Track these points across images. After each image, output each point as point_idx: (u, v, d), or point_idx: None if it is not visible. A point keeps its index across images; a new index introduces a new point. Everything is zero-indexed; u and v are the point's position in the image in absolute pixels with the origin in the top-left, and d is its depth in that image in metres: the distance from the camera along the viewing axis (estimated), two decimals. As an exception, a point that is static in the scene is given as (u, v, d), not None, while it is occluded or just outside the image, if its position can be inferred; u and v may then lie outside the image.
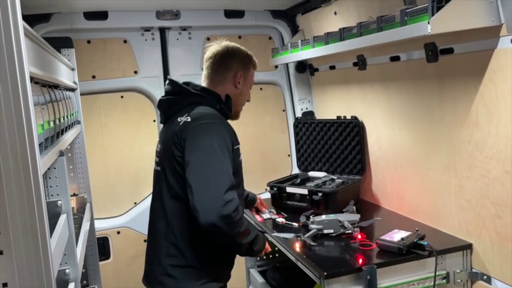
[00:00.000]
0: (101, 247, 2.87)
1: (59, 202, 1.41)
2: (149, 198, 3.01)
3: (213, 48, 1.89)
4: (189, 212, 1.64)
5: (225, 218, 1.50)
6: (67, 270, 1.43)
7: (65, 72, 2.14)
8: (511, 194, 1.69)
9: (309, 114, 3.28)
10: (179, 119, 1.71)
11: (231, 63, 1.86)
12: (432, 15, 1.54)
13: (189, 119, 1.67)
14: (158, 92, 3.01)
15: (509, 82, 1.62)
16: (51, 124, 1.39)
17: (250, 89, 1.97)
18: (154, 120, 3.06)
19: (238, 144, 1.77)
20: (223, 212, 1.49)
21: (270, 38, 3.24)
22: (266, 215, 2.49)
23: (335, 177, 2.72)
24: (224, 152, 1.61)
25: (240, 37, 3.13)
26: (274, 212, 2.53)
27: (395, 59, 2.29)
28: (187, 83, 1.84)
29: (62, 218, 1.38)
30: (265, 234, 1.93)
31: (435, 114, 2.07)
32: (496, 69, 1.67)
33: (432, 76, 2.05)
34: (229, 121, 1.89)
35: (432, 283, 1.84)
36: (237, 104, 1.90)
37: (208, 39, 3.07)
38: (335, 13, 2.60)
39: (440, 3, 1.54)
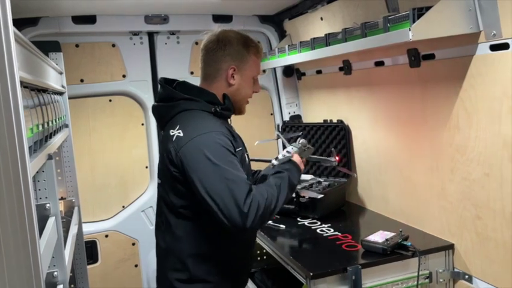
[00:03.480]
0: (89, 251, 2.87)
1: (48, 205, 1.42)
2: (138, 202, 3.10)
3: (206, 37, 1.70)
4: (194, 227, 1.62)
5: (255, 225, 1.45)
6: (55, 273, 1.43)
7: (53, 76, 2.15)
8: (491, 196, 1.75)
9: (296, 117, 3.32)
10: (171, 132, 1.58)
11: (221, 57, 1.66)
12: (414, 22, 1.59)
13: (181, 134, 1.55)
14: (147, 96, 3.03)
15: (488, 87, 1.68)
16: (40, 128, 1.40)
17: (255, 80, 1.76)
18: (143, 124, 3.07)
19: (240, 147, 1.66)
20: (249, 224, 1.43)
21: (258, 43, 3.26)
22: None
23: (321, 180, 2.75)
24: (226, 158, 1.50)
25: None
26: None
27: (379, 64, 2.34)
28: (182, 83, 1.69)
29: (51, 221, 1.39)
30: (292, 159, 1.77)
31: (418, 117, 2.12)
32: (475, 74, 1.73)
33: (415, 81, 2.11)
34: (234, 117, 1.79)
35: (416, 283, 1.89)
36: (236, 100, 1.72)
37: (197, 43, 3.10)
38: (321, 19, 2.64)
39: (420, 11, 1.59)
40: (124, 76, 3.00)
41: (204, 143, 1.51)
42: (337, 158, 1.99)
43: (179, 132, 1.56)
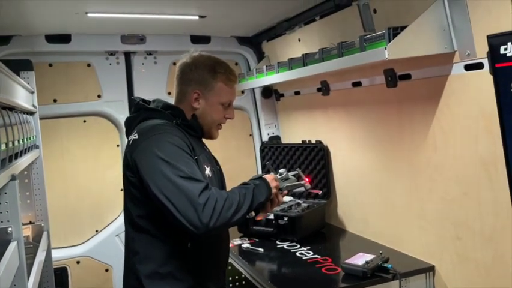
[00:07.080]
0: (59, 278, 2.73)
1: (10, 229, 1.33)
2: (112, 226, 3.00)
3: (181, 60, 1.73)
4: (151, 242, 1.57)
5: (213, 224, 1.39)
6: (16, 302, 1.34)
7: (23, 95, 2.07)
8: (469, 215, 1.73)
9: (275, 138, 3.30)
10: (129, 138, 1.60)
11: (187, 80, 1.68)
12: (389, 41, 1.60)
13: (137, 136, 1.56)
14: (123, 116, 2.95)
15: (464, 106, 1.69)
16: (3, 147, 1.33)
17: (226, 106, 1.73)
18: (118, 145, 3.00)
19: (196, 155, 1.61)
20: (206, 220, 1.38)
21: (236, 64, 3.27)
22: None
23: (301, 202, 2.71)
24: (179, 157, 1.48)
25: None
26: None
27: (356, 84, 2.35)
28: (155, 100, 1.73)
29: (12, 246, 1.30)
30: (263, 176, 1.66)
31: (396, 138, 2.12)
32: (451, 94, 1.74)
33: (392, 101, 2.11)
34: (206, 141, 1.77)
35: (397, 306, 1.84)
36: (204, 124, 1.71)
37: (175, 64, 3.05)
38: (299, 40, 2.66)
39: (396, 31, 1.60)
40: (99, 96, 2.94)
41: (155, 142, 1.50)
42: (307, 179, 1.90)
43: (135, 136, 1.57)
